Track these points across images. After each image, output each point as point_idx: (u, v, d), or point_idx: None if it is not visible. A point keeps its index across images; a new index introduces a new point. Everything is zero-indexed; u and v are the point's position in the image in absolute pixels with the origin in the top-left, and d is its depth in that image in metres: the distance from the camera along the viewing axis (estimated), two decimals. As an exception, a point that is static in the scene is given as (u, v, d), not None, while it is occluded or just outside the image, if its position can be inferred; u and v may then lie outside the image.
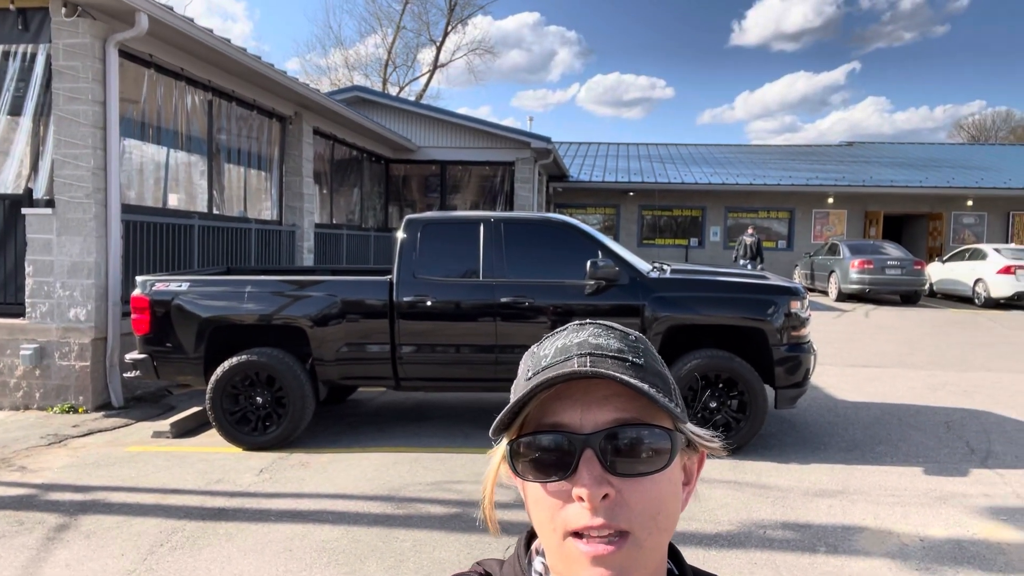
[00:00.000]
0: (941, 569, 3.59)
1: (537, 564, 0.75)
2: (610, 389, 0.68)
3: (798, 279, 19.92)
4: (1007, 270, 15.66)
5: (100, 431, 6.05)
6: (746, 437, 5.39)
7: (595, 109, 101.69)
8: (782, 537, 3.97)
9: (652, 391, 0.66)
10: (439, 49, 37.76)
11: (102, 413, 6.54)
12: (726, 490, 4.66)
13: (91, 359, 6.61)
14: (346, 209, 14.39)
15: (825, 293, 18.26)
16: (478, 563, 0.78)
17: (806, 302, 5.74)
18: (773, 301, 5.56)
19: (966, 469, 5.14)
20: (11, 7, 6.52)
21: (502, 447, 0.73)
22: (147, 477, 4.90)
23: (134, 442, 5.76)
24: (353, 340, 5.64)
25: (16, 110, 6.72)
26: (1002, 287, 15.74)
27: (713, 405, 5.40)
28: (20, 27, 6.57)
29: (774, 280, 5.90)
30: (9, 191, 6.72)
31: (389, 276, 5.75)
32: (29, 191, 6.67)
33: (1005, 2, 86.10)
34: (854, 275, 16.79)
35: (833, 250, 18.36)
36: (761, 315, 5.52)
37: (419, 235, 5.82)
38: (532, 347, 0.76)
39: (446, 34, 37.73)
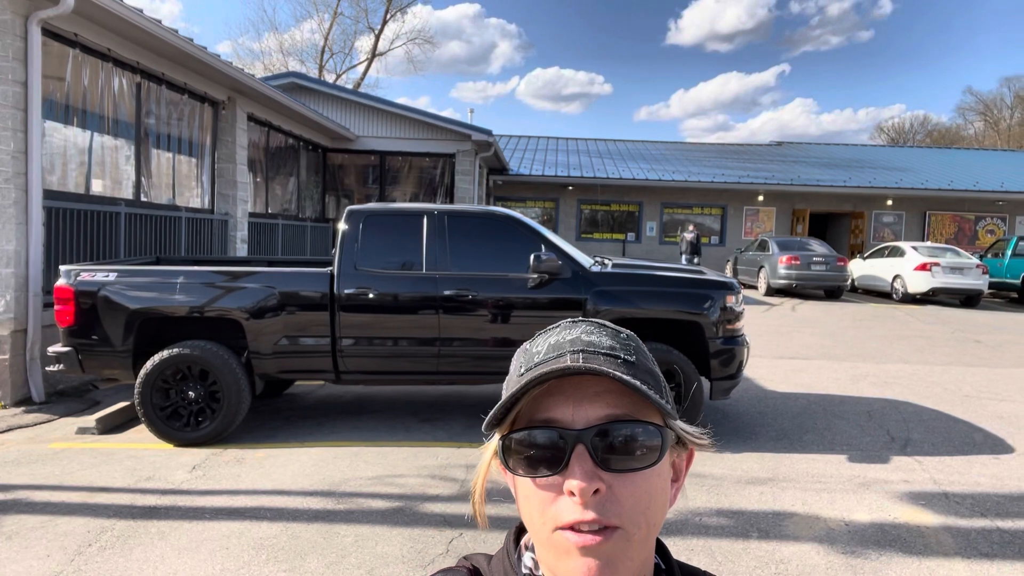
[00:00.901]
0: (865, 552, 3.77)
1: (527, 559, 0.75)
2: (602, 385, 0.69)
3: (729, 274, 20.50)
4: (923, 267, 16.48)
5: (20, 427, 5.76)
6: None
7: (534, 103, 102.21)
8: (717, 524, 4.10)
9: (644, 387, 0.67)
10: (378, 37, 37.22)
11: (22, 408, 6.22)
12: (664, 480, 4.76)
13: (10, 352, 6.28)
14: (282, 199, 14.04)
15: (754, 288, 18.84)
16: (465, 558, 0.78)
17: (740, 297, 5.92)
18: (709, 296, 5.71)
19: (887, 456, 5.41)
20: (-80, -23, 6.10)
21: (494, 442, 0.73)
22: (72, 475, 4.69)
23: (57, 439, 5.50)
24: (292, 333, 5.52)
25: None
26: (919, 283, 16.56)
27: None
28: (-70, -1, 6.16)
29: (710, 275, 6.06)
30: (-82, 173, 6.31)
31: (330, 268, 5.66)
32: (-60, 174, 6.28)
33: (925, 11, 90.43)
34: (782, 270, 17.39)
35: (763, 246, 18.95)
36: (698, 309, 5.67)
37: (361, 226, 5.75)
38: (524, 344, 0.77)
39: (385, 22, 37.24)
